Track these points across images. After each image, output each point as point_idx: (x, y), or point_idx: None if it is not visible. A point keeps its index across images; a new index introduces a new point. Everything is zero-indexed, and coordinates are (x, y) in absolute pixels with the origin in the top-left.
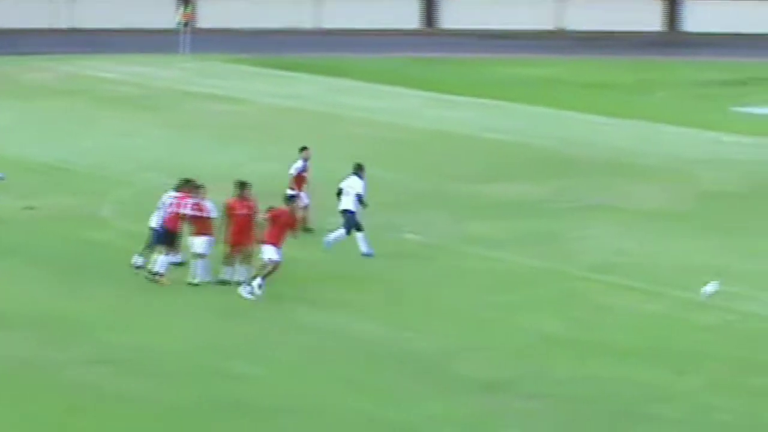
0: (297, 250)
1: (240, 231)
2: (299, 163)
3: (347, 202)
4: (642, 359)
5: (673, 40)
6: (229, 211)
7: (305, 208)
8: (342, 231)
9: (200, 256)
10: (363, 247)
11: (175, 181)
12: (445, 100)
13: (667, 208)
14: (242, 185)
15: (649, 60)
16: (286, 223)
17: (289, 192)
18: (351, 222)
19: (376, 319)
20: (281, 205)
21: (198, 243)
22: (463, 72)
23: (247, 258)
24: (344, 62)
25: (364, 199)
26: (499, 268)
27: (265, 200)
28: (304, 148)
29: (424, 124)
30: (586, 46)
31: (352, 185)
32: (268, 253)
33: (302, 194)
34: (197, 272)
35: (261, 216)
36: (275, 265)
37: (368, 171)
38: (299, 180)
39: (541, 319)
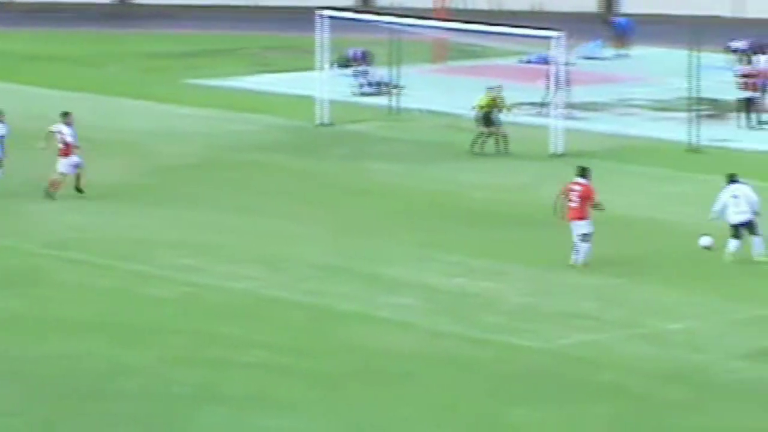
0: None
1: None
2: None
3: None
4: (100, 335)
5: (123, 12)
6: None
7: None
8: None
9: None
10: None
11: None
12: None
13: (124, 182)
14: None
15: (99, 32)
16: None
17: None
18: None
19: None
20: None
21: None
22: None
23: None
24: None
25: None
26: None
27: None
28: (66, 114)
29: None
30: (32, 17)
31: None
32: None
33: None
34: None
35: None
36: None
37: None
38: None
39: None
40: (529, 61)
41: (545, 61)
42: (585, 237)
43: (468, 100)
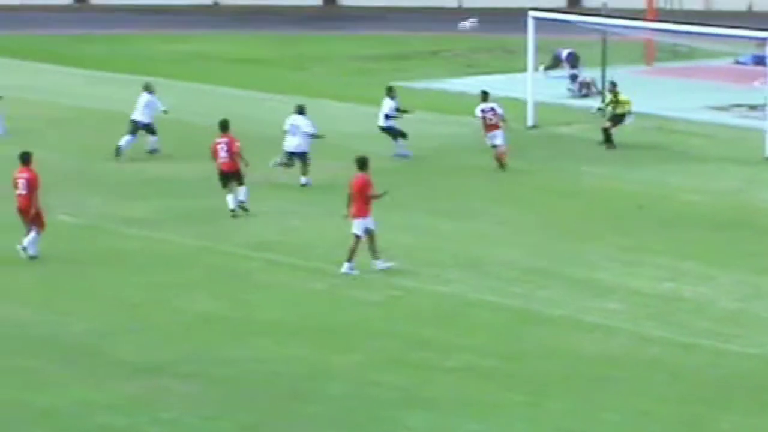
0: None
1: None
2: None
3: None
4: (304, 338)
5: (329, 14)
6: None
7: None
8: None
9: None
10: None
11: None
12: (99, 78)
13: (331, 183)
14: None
15: (305, 35)
16: None
17: None
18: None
19: (28, 303)
20: None
21: None
22: (118, 49)
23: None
24: None
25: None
26: (156, 248)
27: None
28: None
29: (76, 102)
30: (241, 20)
31: (298, 123)
32: None
33: None
34: None
35: None
36: None
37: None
38: None
39: (200, 299)
40: (740, 62)
41: (760, 61)
42: None
43: (678, 102)
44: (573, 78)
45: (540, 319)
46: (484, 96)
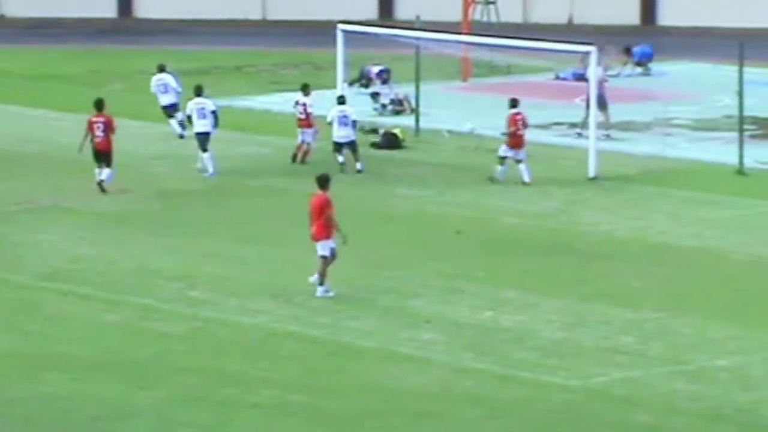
0: None
1: None
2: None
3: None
4: (101, 373)
5: (125, 27)
6: None
7: None
8: None
9: None
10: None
11: None
12: None
13: (127, 209)
14: None
15: (99, 49)
16: None
17: None
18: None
19: None
20: None
21: None
22: None
23: None
24: None
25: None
26: None
27: None
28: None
29: None
30: (29, 34)
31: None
32: None
33: None
34: None
35: None
36: None
37: None
38: None
39: None
40: (558, 77)
41: (580, 77)
42: None
43: (496, 120)
44: (375, 96)
45: (351, 351)
46: (305, 87)
